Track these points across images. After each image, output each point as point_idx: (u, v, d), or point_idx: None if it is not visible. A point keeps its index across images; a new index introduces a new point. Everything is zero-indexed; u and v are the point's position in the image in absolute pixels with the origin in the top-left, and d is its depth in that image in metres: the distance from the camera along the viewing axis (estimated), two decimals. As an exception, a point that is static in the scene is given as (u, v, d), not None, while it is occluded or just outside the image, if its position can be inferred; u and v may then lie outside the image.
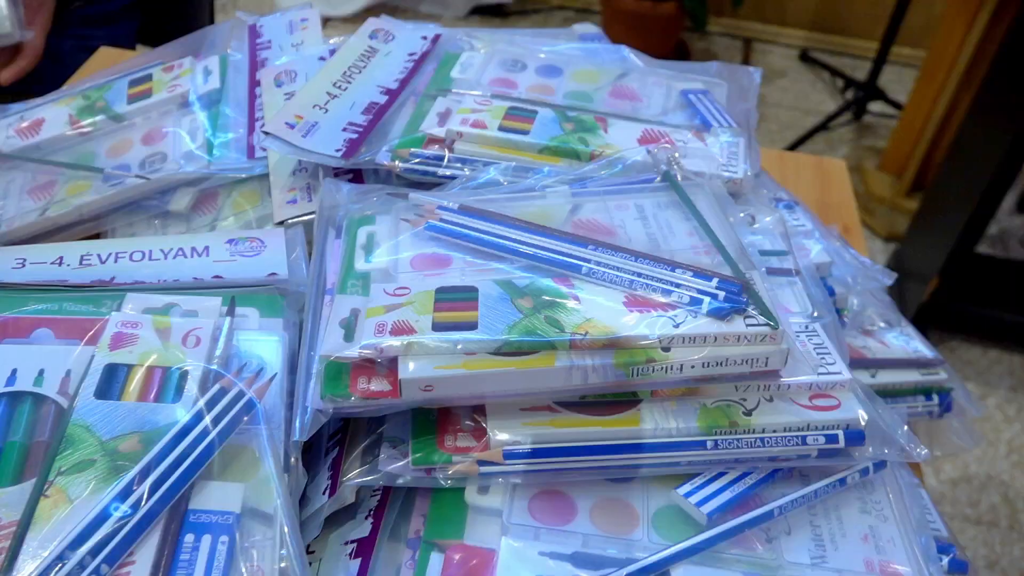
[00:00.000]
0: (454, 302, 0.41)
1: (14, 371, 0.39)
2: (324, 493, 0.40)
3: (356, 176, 0.59)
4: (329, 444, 0.43)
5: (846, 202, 0.80)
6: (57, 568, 0.32)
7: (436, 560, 0.38)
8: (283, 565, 0.35)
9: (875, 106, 2.24)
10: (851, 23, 2.52)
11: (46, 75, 1.01)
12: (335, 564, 0.39)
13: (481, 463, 0.39)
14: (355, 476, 0.40)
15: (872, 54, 2.24)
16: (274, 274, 0.49)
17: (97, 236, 0.62)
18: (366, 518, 0.41)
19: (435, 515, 0.40)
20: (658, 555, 0.37)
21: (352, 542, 0.40)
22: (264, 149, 0.62)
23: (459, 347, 0.39)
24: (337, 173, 0.58)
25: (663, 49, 2.36)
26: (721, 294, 0.41)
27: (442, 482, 0.39)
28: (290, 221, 0.56)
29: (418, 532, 0.40)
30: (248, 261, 0.50)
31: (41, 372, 0.40)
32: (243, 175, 0.61)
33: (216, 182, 0.62)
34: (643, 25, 2.35)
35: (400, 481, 0.39)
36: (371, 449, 0.41)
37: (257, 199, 0.61)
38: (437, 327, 0.40)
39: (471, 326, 0.40)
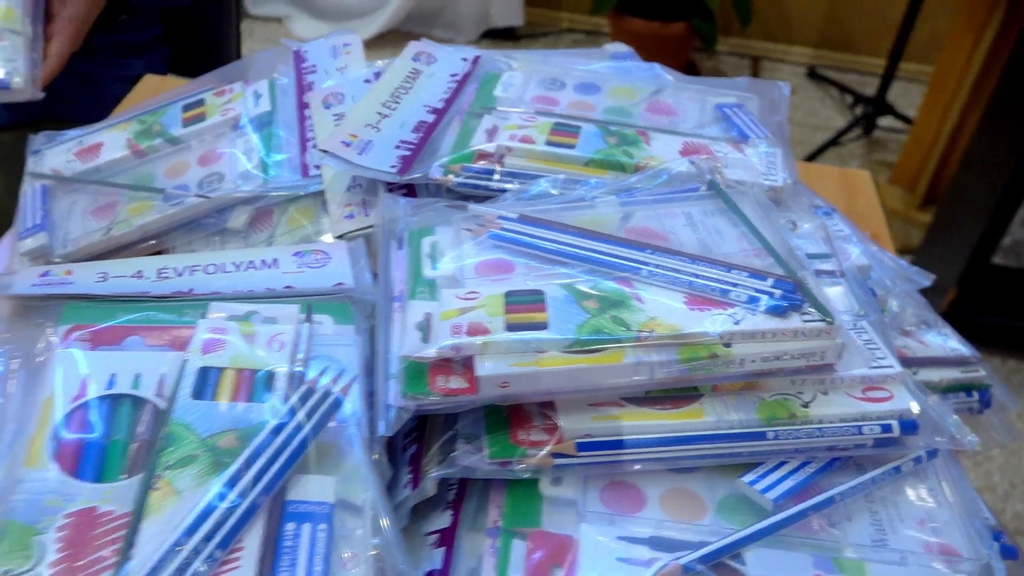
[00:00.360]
0: (523, 304, 0.44)
1: (112, 375, 0.42)
2: (405, 487, 0.42)
3: (409, 190, 0.62)
4: (406, 442, 0.46)
5: (873, 211, 0.83)
6: (176, 553, 0.34)
7: (518, 546, 0.40)
8: (374, 553, 0.37)
9: (884, 121, 2.27)
10: (857, 40, 2.56)
11: (82, 100, 1.04)
12: (418, 553, 0.41)
13: (555, 455, 0.41)
14: (436, 470, 0.42)
15: (878, 70, 2.28)
16: (341, 284, 0.52)
17: (158, 253, 0.65)
18: (444, 510, 0.43)
19: (512, 505, 0.42)
20: (731, 538, 0.39)
21: (434, 532, 0.42)
22: (318, 167, 0.65)
23: (532, 346, 0.41)
24: (391, 188, 0.61)
25: (672, 69, 2.39)
26: (777, 292, 0.43)
27: (519, 474, 0.41)
28: (349, 234, 0.59)
29: (496, 522, 0.42)
30: (315, 272, 0.53)
31: (138, 376, 0.42)
32: (300, 192, 0.64)
33: (272, 200, 0.64)
34: (653, 45, 2.39)
35: (478, 474, 0.42)
36: (447, 446, 0.43)
37: (312, 215, 0.64)
38: (510, 327, 0.42)
39: (542, 326, 0.42)
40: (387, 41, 2.55)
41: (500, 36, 2.67)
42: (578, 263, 0.47)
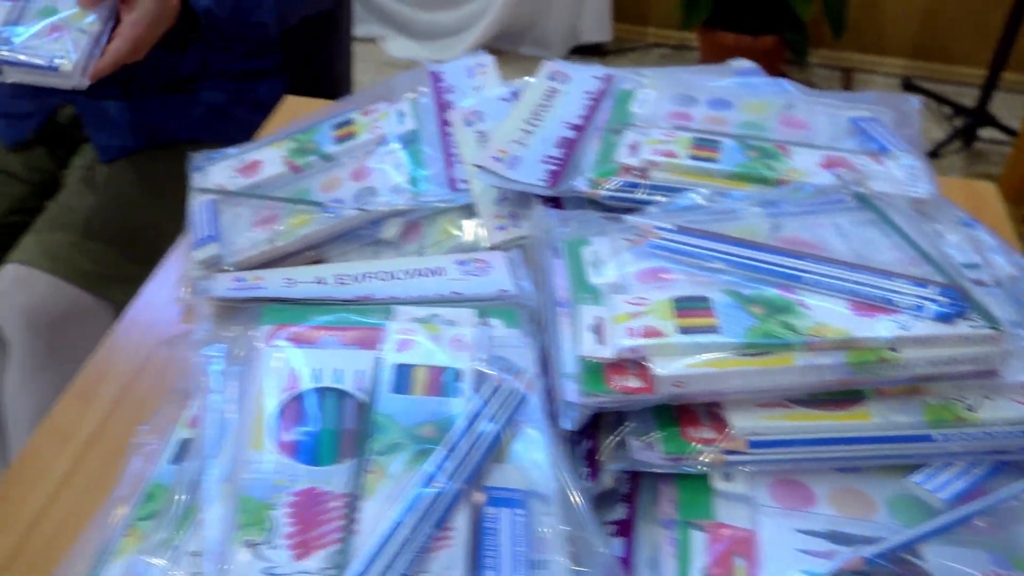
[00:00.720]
0: (692, 309, 0.46)
1: (317, 370, 0.46)
2: (584, 479, 0.45)
3: (555, 203, 0.65)
4: (579, 437, 0.48)
5: (1000, 224, 0.82)
6: (398, 529, 0.38)
7: (697, 537, 0.42)
8: (568, 536, 0.40)
9: (985, 132, 2.22)
10: (953, 50, 2.51)
11: (210, 124, 1.11)
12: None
13: (727, 452, 0.44)
14: (613, 463, 0.44)
15: (976, 80, 2.22)
16: (504, 290, 0.55)
17: (316, 262, 0.69)
18: (619, 502, 0.45)
19: (684, 499, 0.44)
20: (909, 533, 0.40)
21: (611, 523, 0.44)
22: (465, 181, 0.69)
23: (705, 348, 0.44)
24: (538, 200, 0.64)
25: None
26: (943, 300, 0.45)
27: (693, 469, 0.44)
28: (502, 244, 0.62)
29: (670, 514, 0.44)
30: (477, 280, 0.56)
31: (339, 372, 0.46)
32: (449, 205, 0.68)
33: (422, 212, 0.69)
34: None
35: (653, 468, 0.44)
36: (620, 441, 0.46)
37: (460, 226, 0.68)
38: (683, 331, 0.45)
39: (712, 329, 0.45)
40: (477, 59, 2.61)
41: (587, 52, 2.70)
42: (737, 271, 0.50)
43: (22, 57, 0.80)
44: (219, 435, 0.44)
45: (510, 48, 2.70)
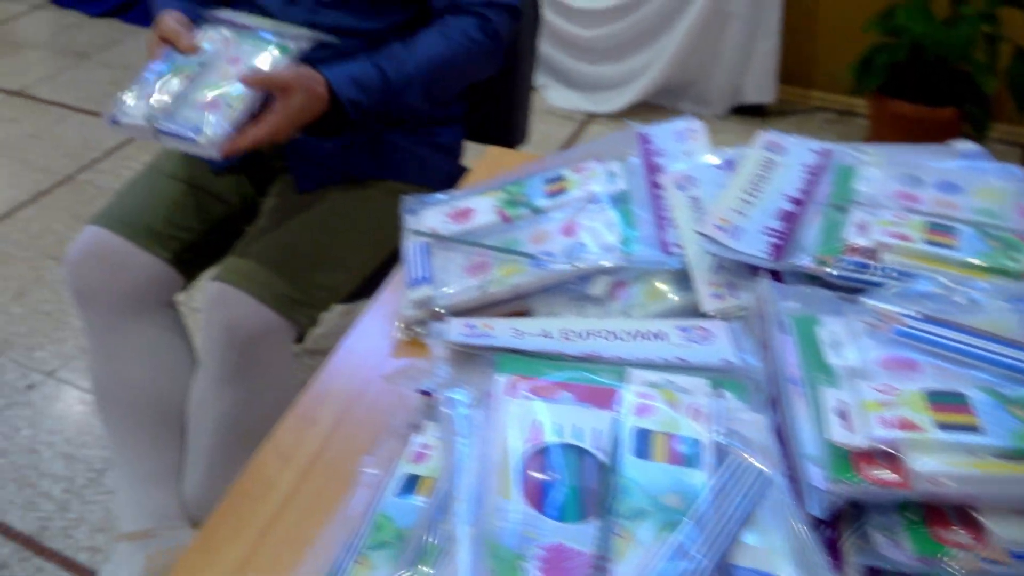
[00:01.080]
0: (948, 404, 0.45)
1: (558, 425, 0.47)
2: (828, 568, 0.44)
3: (773, 276, 0.64)
4: (816, 522, 0.47)
5: None
6: (655, 599, 0.38)
7: (951, 647, 0.40)
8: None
9: None
10: None
11: (396, 162, 1.17)
12: (837, 636, 0.43)
13: (985, 560, 0.42)
14: (860, 558, 0.43)
15: None
16: (728, 361, 0.55)
17: (520, 313, 0.71)
18: (857, 597, 0.44)
19: (932, 604, 0.42)
20: None
21: (852, 618, 0.43)
22: (678, 245, 0.69)
23: (967, 448, 0.42)
24: (754, 271, 0.64)
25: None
26: None
27: (946, 573, 0.42)
28: (717, 313, 0.62)
29: (913, 618, 0.42)
30: (700, 348, 0.56)
31: (578, 429, 0.47)
32: (662, 268, 0.68)
33: (632, 273, 0.69)
34: (916, 130, 2.30)
35: (902, 568, 0.43)
36: (862, 533, 0.45)
37: (670, 290, 0.68)
38: (942, 427, 0.43)
39: (974, 429, 0.43)
40: (636, 113, 2.63)
41: (748, 112, 2.68)
42: (992, 368, 0.48)
43: (173, 127, 0.91)
44: (465, 479, 0.45)
45: (669, 104, 2.71)
